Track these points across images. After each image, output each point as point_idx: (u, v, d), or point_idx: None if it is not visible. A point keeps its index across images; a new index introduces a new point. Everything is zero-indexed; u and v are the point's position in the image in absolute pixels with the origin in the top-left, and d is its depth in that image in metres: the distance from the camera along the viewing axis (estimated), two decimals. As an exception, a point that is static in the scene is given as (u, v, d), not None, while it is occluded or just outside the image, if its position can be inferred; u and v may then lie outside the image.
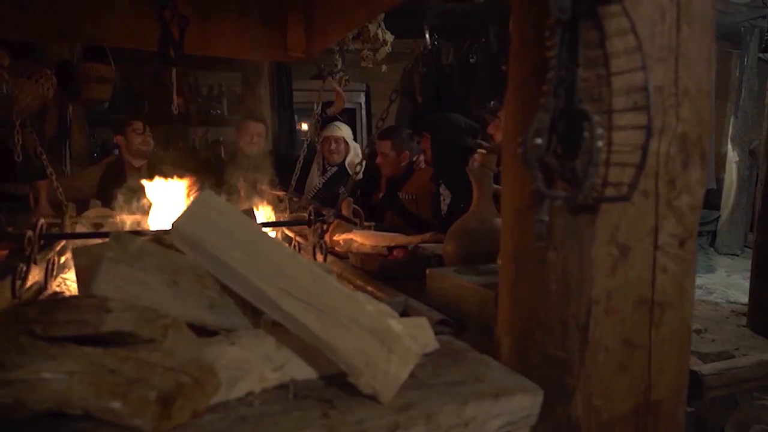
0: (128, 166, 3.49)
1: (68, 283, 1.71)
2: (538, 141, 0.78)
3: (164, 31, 1.76)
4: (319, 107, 2.67)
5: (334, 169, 3.60)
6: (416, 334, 0.96)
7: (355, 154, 3.68)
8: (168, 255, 0.91)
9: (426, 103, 5.79)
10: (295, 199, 2.30)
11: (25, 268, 1.26)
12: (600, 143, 0.74)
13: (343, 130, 3.64)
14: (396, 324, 0.89)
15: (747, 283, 2.11)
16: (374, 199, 3.48)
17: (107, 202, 2.87)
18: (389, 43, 2.56)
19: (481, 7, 4.29)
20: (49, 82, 3.43)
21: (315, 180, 3.68)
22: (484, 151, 2.58)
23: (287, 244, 1.89)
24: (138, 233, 1.39)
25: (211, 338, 0.90)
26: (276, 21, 2.51)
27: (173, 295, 0.89)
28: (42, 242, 1.40)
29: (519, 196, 0.93)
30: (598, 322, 0.88)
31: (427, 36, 1.58)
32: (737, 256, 5.39)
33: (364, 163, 3.65)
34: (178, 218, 0.91)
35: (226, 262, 0.88)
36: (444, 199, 2.84)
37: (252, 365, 0.89)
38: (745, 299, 1.92)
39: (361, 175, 3.71)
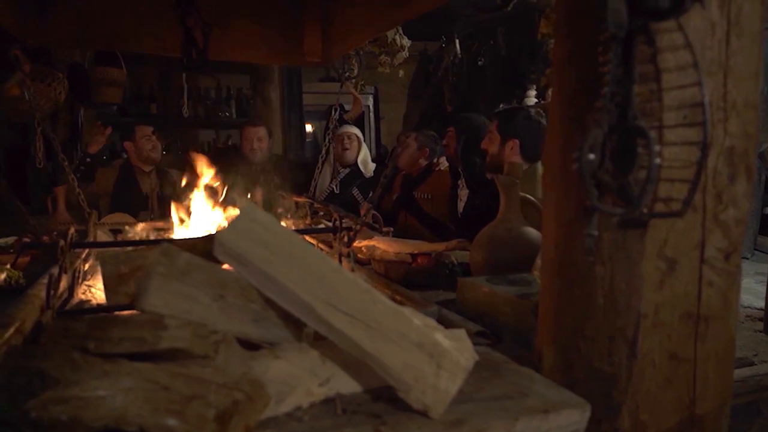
0: (138, 171, 3.49)
1: (93, 290, 1.71)
2: (591, 156, 0.78)
3: (187, 37, 1.77)
4: (338, 113, 2.68)
5: (347, 170, 3.60)
6: (459, 347, 0.96)
7: (366, 152, 3.69)
8: (213, 269, 0.90)
9: (434, 106, 5.79)
10: (317, 205, 2.30)
11: (57, 278, 1.26)
12: (658, 160, 0.74)
13: (353, 128, 3.65)
14: (443, 338, 0.88)
15: (759, 287, 2.09)
16: (385, 202, 3.47)
17: (120, 206, 2.88)
18: (406, 48, 2.56)
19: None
20: (61, 86, 3.43)
21: (326, 182, 3.67)
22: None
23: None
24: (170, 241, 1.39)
25: (257, 352, 0.90)
26: (293, 26, 2.51)
27: (219, 309, 0.88)
28: (71, 250, 1.40)
29: (564, 210, 0.93)
30: (646, 336, 0.87)
31: (457, 45, 1.57)
32: (747, 259, 5.36)
33: (374, 165, 3.62)
34: (222, 232, 0.91)
35: (272, 276, 0.88)
36: (461, 200, 2.83)
37: (298, 379, 0.89)
38: (758, 303, 1.90)
39: (372, 173, 3.71)
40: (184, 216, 1.79)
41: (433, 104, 5.30)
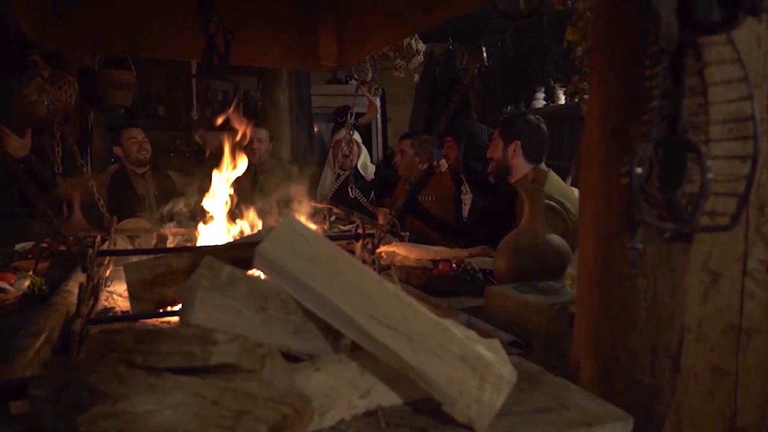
0: (131, 173, 3.47)
1: (115, 296, 1.71)
2: (639, 170, 0.78)
3: (209, 43, 1.77)
4: (353, 117, 2.68)
5: (346, 173, 3.62)
6: (499, 359, 0.96)
7: (365, 156, 3.72)
8: (255, 281, 0.90)
9: (440, 108, 5.78)
10: (336, 211, 2.29)
11: (87, 287, 1.26)
12: (711, 175, 0.74)
13: (354, 133, 3.68)
14: (485, 350, 0.88)
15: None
16: (387, 204, 3.49)
17: (116, 210, 2.84)
18: (422, 53, 2.56)
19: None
20: (71, 89, 3.43)
21: (327, 185, 3.70)
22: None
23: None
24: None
25: (298, 364, 0.90)
26: (308, 31, 2.51)
27: (261, 322, 0.88)
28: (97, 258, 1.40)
29: (605, 222, 0.92)
30: (689, 349, 0.87)
31: (485, 53, 1.56)
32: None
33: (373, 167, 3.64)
34: (263, 243, 0.91)
35: (313, 288, 0.88)
36: (465, 204, 2.85)
37: (339, 392, 0.89)
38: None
39: (372, 176, 3.73)
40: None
41: (458, 112, 5.25)
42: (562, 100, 4.49)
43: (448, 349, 0.85)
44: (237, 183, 2.06)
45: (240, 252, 1.49)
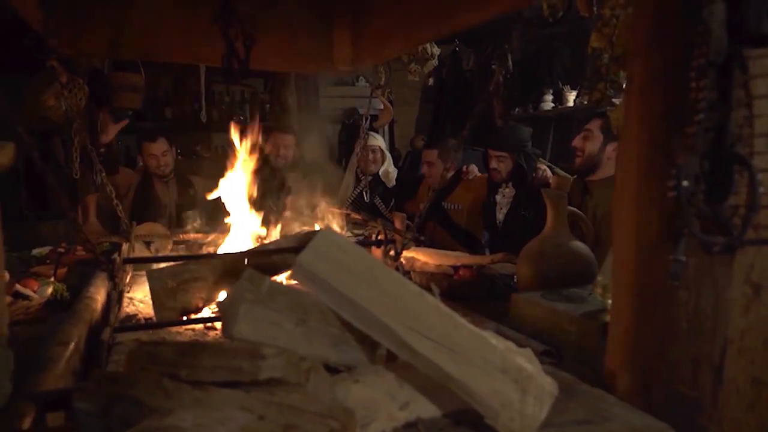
0: (155, 180, 3.42)
1: (136, 303, 1.70)
2: (685, 183, 0.78)
3: (229, 48, 1.76)
4: (368, 122, 2.66)
5: (369, 178, 3.58)
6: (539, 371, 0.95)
7: (389, 162, 3.66)
8: (294, 293, 0.90)
9: (445, 109, 5.78)
10: (353, 216, 2.29)
11: (115, 296, 1.26)
12: (762, 189, 0.73)
13: (379, 140, 3.62)
14: (525, 362, 0.88)
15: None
16: (410, 208, 3.40)
17: (137, 214, 2.83)
18: (436, 57, 2.55)
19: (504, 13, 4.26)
20: (81, 92, 3.41)
21: (350, 190, 3.65)
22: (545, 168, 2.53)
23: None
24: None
25: (337, 376, 0.90)
26: (323, 34, 2.51)
27: (302, 334, 0.88)
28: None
29: (645, 234, 0.92)
30: (732, 361, 0.87)
31: (510, 61, 1.56)
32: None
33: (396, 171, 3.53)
34: (302, 255, 0.90)
35: (354, 300, 0.87)
36: (500, 208, 2.77)
37: (379, 404, 0.89)
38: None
39: (393, 182, 3.68)
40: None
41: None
42: (571, 102, 4.48)
43: (489, 362, 0.85)
44: (262, 187, 2.05)
45: (264, 259, 1.49)
